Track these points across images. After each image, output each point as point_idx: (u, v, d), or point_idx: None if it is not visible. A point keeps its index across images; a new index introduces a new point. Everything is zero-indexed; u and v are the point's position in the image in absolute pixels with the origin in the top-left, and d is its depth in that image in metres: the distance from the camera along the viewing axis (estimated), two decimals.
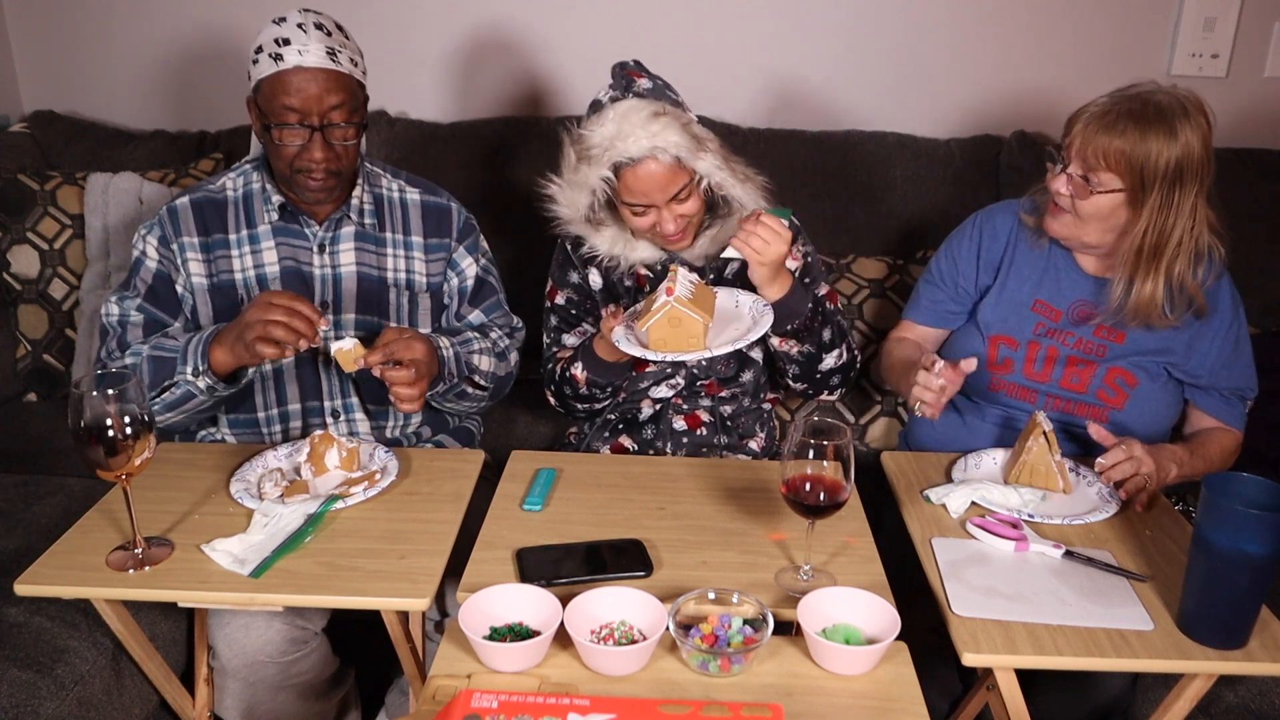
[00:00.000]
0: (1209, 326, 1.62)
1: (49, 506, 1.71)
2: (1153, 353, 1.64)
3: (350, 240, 1.69)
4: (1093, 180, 1.51)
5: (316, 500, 1.39)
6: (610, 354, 1.62)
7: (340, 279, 1.68)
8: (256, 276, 1.66)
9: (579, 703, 0.99)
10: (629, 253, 1.70)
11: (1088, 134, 1.49)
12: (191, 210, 1.66)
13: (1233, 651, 1.16)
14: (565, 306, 1.77)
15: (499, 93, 2.51)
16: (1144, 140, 1.46)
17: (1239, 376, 1.66)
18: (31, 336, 2.24)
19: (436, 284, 1.74)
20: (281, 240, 1.67)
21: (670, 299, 1.44)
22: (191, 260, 1.65)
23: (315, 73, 1.53)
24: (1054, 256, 1.68)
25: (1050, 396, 1.67)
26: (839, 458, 1.20)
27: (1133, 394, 1.64)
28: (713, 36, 2.44)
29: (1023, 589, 1.25)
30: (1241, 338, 1.66)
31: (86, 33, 2.53)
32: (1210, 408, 1.67)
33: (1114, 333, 1.64)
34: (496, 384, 1.72)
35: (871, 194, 2.31)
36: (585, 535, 1.36)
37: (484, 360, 1.69)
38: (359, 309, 1.69)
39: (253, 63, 1.56)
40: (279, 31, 1.54)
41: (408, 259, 1.72)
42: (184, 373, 1.52)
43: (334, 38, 1.57)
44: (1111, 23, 2.38)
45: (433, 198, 1.75)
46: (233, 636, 1.48)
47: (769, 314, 1.53)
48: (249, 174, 1.69)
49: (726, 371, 1.75)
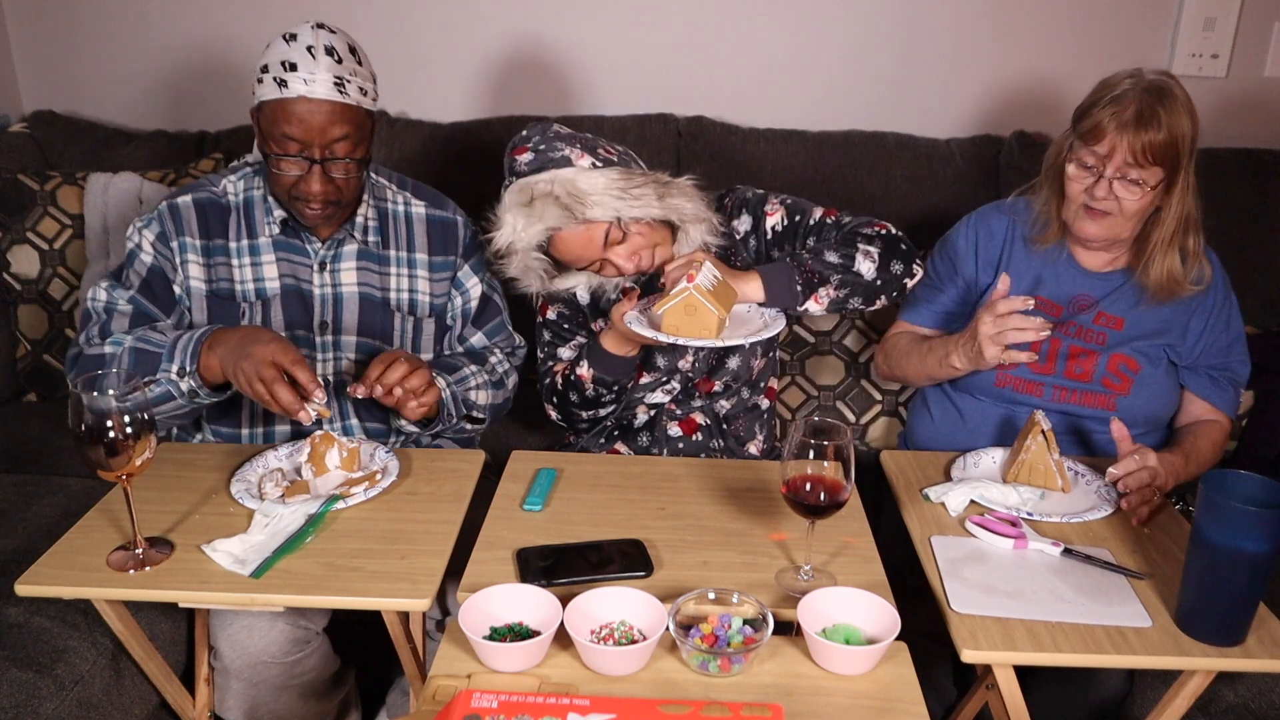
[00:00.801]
0: (1201, 303, 1.65)
1: (49, 506, 1.71)
2: (1152, 335, 1.66)
3: (352, 259, 1.65)
4: (1139, 179, 1.52)
5: (317, 500, 1.39)
6: (618, 347, 1.61)
7: (341, 299, 1.65)
8: (256, 290, 1.63)
9: (579, 703, 0.99)
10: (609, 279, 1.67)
11: (1123, 137, 1.50)
12: (195, 210, 1.62)
13: (1230, 649, 1.16)
14: (557, 321, 1.76)
15: (499, 93, 2.51)
16: (1174, 127, 1.50)
17: (1229, 357, 1.68)
18: (31, 336, 2.24)
19: (440, 305, 1.71)
20: (283, 255, 1.63)
21: (690, 285, 1.42)
22: (192, 262, 1.62)
23: (320, 104, 1.47)
24: (1053, 255, 1.69)
25: (1056, 388, 1.67)
26: (839, 458, 1.20)
27: (1137, 379, 1.65)
28: (713, 37, 2.44)
29: (1022, 587, 1.26)
30: (1232, 318, 1.68)
31: (86, 33, 2.53)
32: (1200, 389, 1.68)
33: (1113, 319, 1.66)
34: (493, 413, 1.71)
35: (871, 194, 2.31)
36: (585, 535, 1.36)
37: (481, 395, 1.65)
38: (360, 330, 1.66)
39: (257, 80, 1.50)
40: (287, 53, 1.48)
41: (411, 278, 1.69)
42: (167, 370, 1.47)
43: (344, 65, 1.50)
44: (1111, 22, 2.38)
45: (439, 211, 1.72)
46: (235, 637, 1.48)
47: (781, 320, 1.52)
48: (250, 178, 1.65)
49: (713, 362, 1.72)
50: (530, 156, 1.55)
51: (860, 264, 1.55)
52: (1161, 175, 1.52)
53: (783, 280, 1.52)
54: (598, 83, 1.65)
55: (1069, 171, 1.58)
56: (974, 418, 1.73)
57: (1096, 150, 1.53)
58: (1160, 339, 1.66)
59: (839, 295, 1.54)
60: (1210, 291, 1.65)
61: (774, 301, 1.53)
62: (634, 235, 1.57)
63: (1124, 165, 1.51)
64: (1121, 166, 1.52)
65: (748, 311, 1.55)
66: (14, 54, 2.56)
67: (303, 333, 1.65)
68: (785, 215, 1.67)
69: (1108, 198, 1.54)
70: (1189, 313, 1.66)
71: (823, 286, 1.53)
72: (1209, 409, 1.68)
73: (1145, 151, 1.49)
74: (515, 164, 1.56)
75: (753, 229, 1.69)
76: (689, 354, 1.71)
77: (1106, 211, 1.56)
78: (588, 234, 1.54)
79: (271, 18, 2.46)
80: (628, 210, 1.53)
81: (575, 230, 1.54)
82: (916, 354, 1.71)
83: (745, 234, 1.69)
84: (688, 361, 1.72)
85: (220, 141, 2.42)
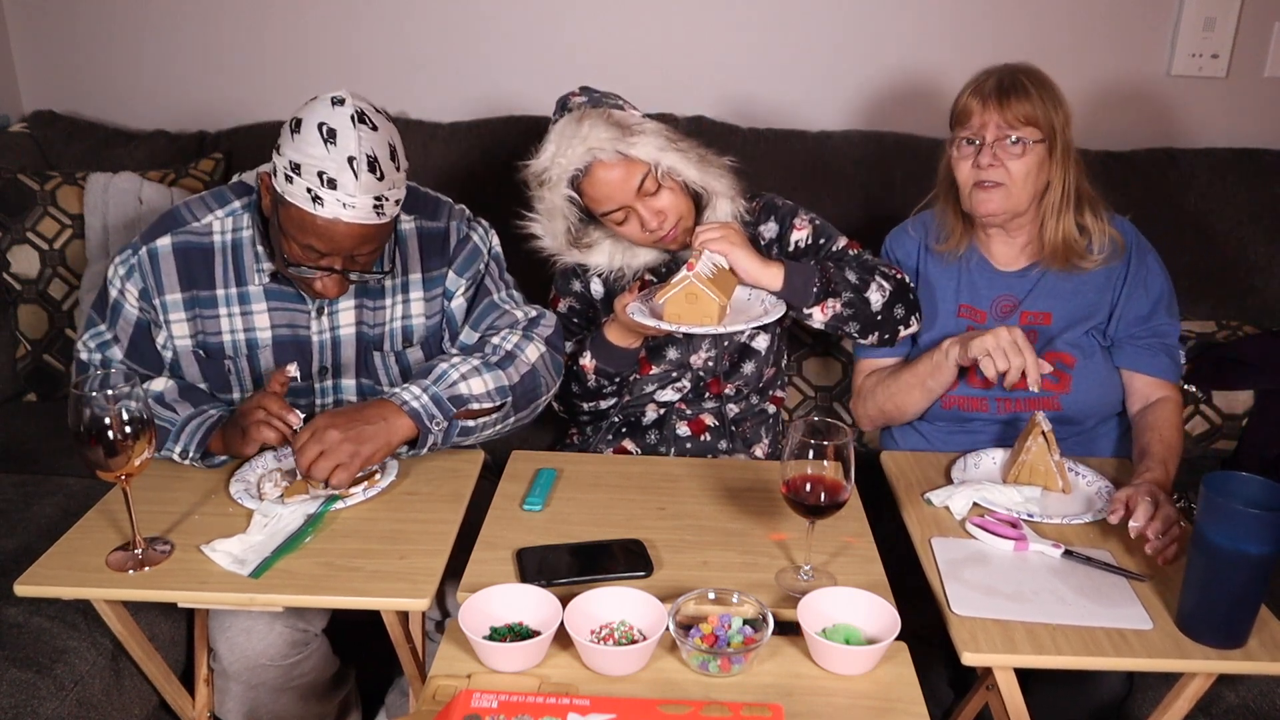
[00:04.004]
0: (1116, 270, 1.67)
1: (49, 506, 1.71)
2: (1082, 321, 1.67)
3: (350, 299, 1.55)
4: (1018, 138, 1.57)
5: (316, 500, 1.39)
6: (621, 338, 1.62)
7: (340, 342, 1.57)
8: (247, 340, 1.55)
9: (579, 703, 0.99)
10: (631, 260, 1.70)
11: (991, 106, 1.57)
12: (174, 258, 1.51)
13: (1232, 651, 1.16)
14: (567, 315, 1.77)
15: (499, 93, 2.51)
16: (1042, 97, 1.57)
17: (1152, 321, 1.68)
18: (31, 336, 2.24)
19: (434, 325, 1.61)
20: (276, 305, 1.54)
21: (690, 274, 1.46)
22: (174, 321, 1.53)
23: (353, 226, 1.38)
24: (966, 261, 1.72)
25: (999, 400, 1.67)
26: (839, 458, 1.20)
27: (1074, 374, 1.66)
28: (713, 37, 2.44)
29: (1022, 588, 1.25)
30: (1150, 281, 1.68)
31: (86, 33, 2.53)
32: (1131, 361, 1.67)
33: (1040, 315, 1.68)
34: (515, 393, 1.51)
35: (871, 194, 2.31)
36: (585, 535, 1.36)
37: (474, 383, 1.48)
38: (359, 372, 1.60)
39: (285, 178, 1.36)
40: (325, 162, 1.33)
41: (405, 303, 1.59)
42: (171, 450, 1.47)
43: (385, 181, 1.37)
44: (1111, 23, 2.38)
45: (430, 223, 1.60)
46: (234, 640, 1.48)
47: (781, 306, 1.54)
48: (239, 216, 1.53)
49: (729, 364, 1.75)
50: (584, 98, 1.61)
51: (872, 293, 1.60)
52: (1039, 136, 1.57)
53: (803, 279, 1.56)
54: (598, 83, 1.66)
55: (954, 159, 1.64)
56: (935, 439, 1.74)
57: (970, 126, 1.59)
58: (1090, 322, 1.67)
59: (843, 313, 1.58)
60: (1123, 259, 1.67)
61: (787, 295, 1.55)
62: (665, 191, 1.59)
63: (999, 131, 1.57)
64: (997, 132, 1.57)
65: (748, 299, 1.57)
66: (14, 54, 2.56)
67: (301, 381, 1.59)
68: (812, 234, 1.71)
69: (994, 164, 1.58)
70: (1112, 286, 1.68)
71: (833, 299, 1.57)
72: (1151, 382, 1.66)
73: (1015, 114, 1.56)
74: (568, 100, 1.62)
75: (777, 238, 1.73)
76: (702, 351, 1.73)
77: (999, 182, 1.59)
78: (625, 170, 1.56)
79: (272, 18, 2.46)
80: (669, 159, 1.57)
81: (613, 163, 1.55)
82: (906, 372, 1.69)
83: (770, 240, 1.72)
84: (700, 358, 1.73)
85: (220, 141, 2.41)
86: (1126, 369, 1.68)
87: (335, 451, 1.37)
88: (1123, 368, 1.69)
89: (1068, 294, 1.68)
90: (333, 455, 1.37)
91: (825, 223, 1.74)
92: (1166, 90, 2.44)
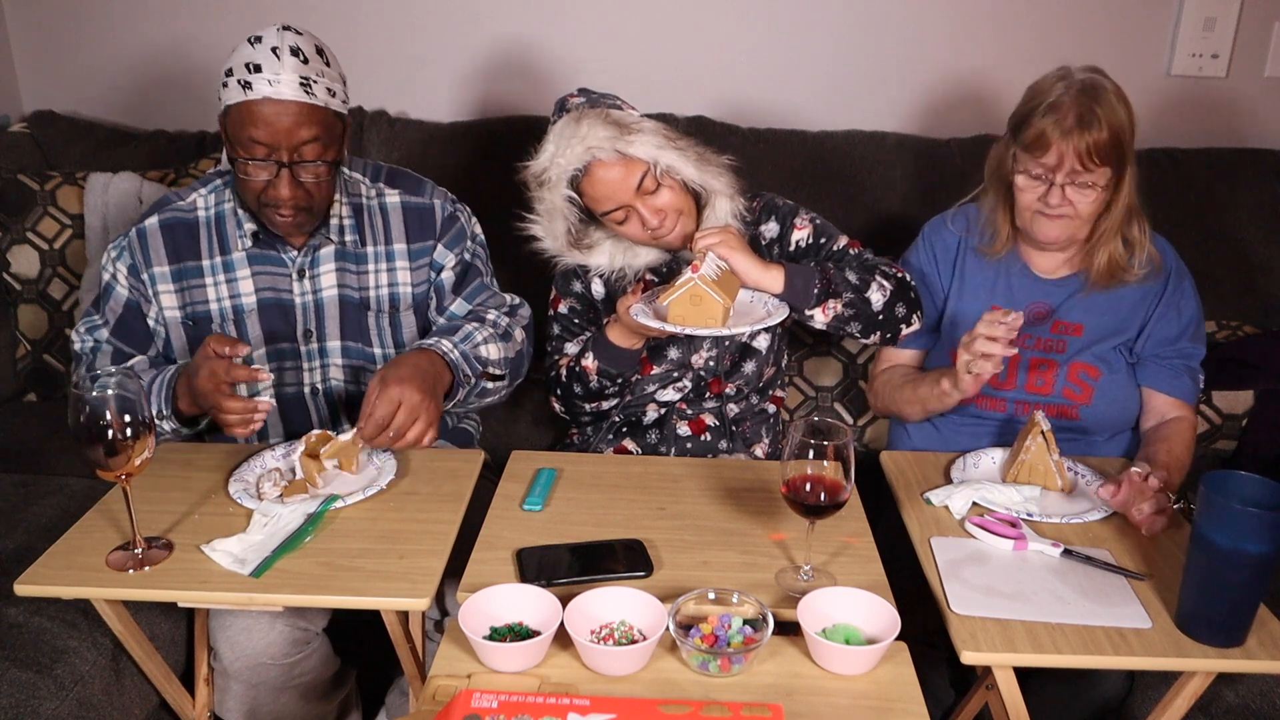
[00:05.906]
0: (1152, 290, 1.66)
1: (49, 506, 1.71)
2: (1112, 336, 1.66)
3: (331, 261, 1.61)
4: (1090, 182, 1.53)
5: (316, 500, 1.39)
6: (623, 339, 1.62)
7: (322, 304, 1.62)
8: (233, 307, 1.60)
9: (579, 703, 0.99)
10: (632, 260, 1.70)
11: (1069, 143, 1.51)
12: (161, 234, 1.59)
13: (1231, 650, 1.16)
14: (568, 315, 1.77)
15: (499, 93, 2.51)
16: (1113, 124, 1.51)
17: (1180, 343, 1.67)
18: (31, 336, 2.24)
19: (422, 294, 1.67)
20: (259, 269, 1.60)
21: (695, 275, 1.45)
22: (163, 293, 1.58)
23: (287, 105, 1.43)
24: (1006, 264, 1.71)
25: (1017, 403, 1.68)
26: (839, 458, 1.20)
27: (1097, 387, 1.66)
28: (713, 37, 2.44)
29: (1022, 588, 1.25)
30: (1184, 304, 1.68)
31: (86, 33, 2.53)
32: (1153, 380, 1.67)
33: (1071, 326, 1.67)
34: (512, 368, 1.63)
35: (872, 194, 2.31)
36: (585, 535, 1.36)
37: (491, 349, 1.58)
38: (343, 335, 1.64)
39: (222, 85, 1.47)
40: (252, 55, 1.44)
41: (390, 271, 1.65)
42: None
43: (311, 65, 1.46)
44: (1112, 23, 2.38)
45: (414, 198, 1.66)
46: (234, 639, 1.48)
47: (784, 309, 1.54)
48: (220, 190, 1.61)
49: (729, 364, 1.75)
50: (582, 99, 1.62)
51: (873, 293, 1.59)
52: (1110, 175, 1.54)
53: (804, 280, 1.56)
54: (598, 82, 1.67)
55: (1019, 183, 1.59)
56: (947, 432, 1.74)
57: (1044, 161, 1.54)
58: (1120, 337, 1.67)
59: (844, 313, 1.58)
60: (1160, 280, 1.66)
61: (788, 297, 1.55)
62: (665, 190, 1.59)
63: (1073, 171, 1.53)
64: (1071, 173, 1.53)
65: (750, 301, 1.57)
66: (14, 54, 2.56)
67: (286, 344, 1.63)
68: (813, 234, 1.71)
69: (1063, 204, 1.56)
70: (1146, 305, 1.67)
71: (834, 300, 1.57)
72: (1170, 402, 1.67)
73: (1091, 154, 1.51)
74: (566, 101, 1.63)
75: (778, 238, 1.73)
76: (703, 351, 1.73)
77: (1065, 214, 1.57)
78: (625, 169, 1.56)
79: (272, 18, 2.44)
80: (668, 158, 1.57)
81: (613, 162, 1.56)
82: (910, 387, 1.71)
83: (770, 240, 1.72)
84: (701, 358, 1.73)
85: (220, 142, 2.41)
86: (1148, 387, 1.68)
87: (425, 412, 1.40)
88: (1144, 385, 1.69)
89: (1102, 308, 1.67)
90: (425, 416, 1.40)
91: (826, 222, 1.74)
92: (1166, 90, 2.44)
